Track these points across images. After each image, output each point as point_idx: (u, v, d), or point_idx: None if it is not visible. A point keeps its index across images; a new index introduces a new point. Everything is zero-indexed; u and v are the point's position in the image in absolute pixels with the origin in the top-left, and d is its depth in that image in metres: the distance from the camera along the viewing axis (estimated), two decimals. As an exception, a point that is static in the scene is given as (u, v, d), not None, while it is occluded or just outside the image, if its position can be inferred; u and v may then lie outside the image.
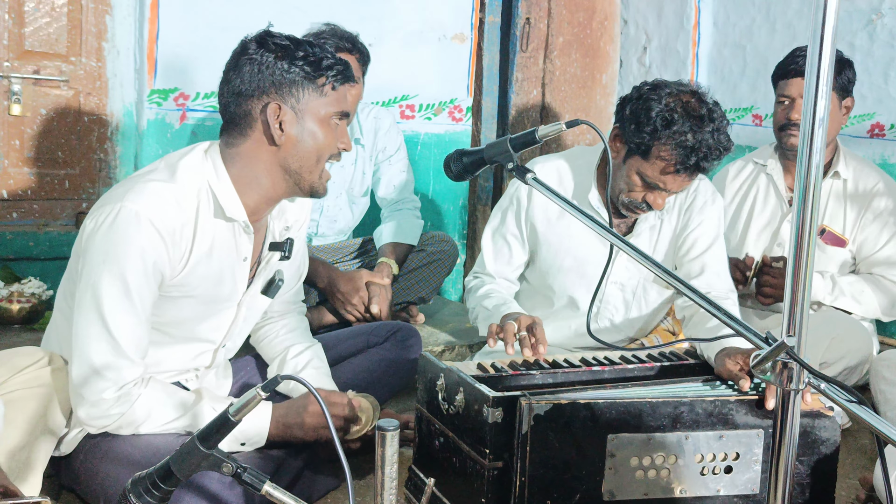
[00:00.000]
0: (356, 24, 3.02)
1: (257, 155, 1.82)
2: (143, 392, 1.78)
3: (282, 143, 1.80)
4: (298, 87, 1.79)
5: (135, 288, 1.73)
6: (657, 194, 2.25)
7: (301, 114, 1.80)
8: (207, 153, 1.85)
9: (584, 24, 4.18)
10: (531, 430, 1.66)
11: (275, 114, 1.78)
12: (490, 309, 2.35)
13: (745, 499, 1.82)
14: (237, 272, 1.92)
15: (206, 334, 1.96)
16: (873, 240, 2.82)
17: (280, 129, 1.79)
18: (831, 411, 1.87)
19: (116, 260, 1.71)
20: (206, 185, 1.82)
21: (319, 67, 1.80)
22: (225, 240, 1.86)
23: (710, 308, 1.35)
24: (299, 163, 1.83)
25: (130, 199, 1.72)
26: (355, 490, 2.10)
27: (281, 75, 1.78)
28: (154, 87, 3.32)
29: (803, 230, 1.18)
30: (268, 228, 2.00)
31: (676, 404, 1.76)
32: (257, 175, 1.84)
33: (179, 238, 1.77)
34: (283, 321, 2.23)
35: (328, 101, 1.82)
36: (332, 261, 3.09)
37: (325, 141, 1.83)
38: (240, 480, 1.33)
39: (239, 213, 1.84)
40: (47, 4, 3.23)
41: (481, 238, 2.58)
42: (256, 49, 1.79)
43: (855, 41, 3.35)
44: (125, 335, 1.74)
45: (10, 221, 3.27)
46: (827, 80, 1.14)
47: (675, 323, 2.60)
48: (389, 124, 3.22)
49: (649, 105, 2.15)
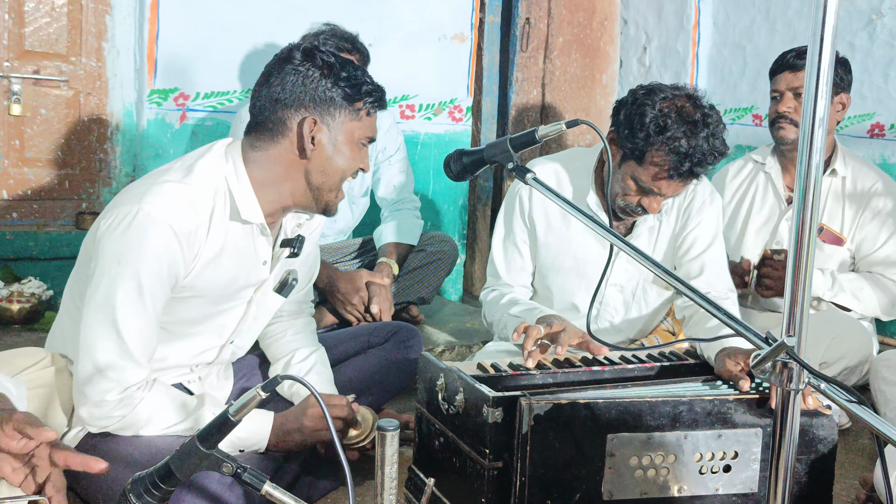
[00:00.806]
0: (356, 24, 3.02)
1: (283, 162, 1.84)
2: (147, 396, 1.78)
3: (311, 156, 1.83)
4: (337, 107, 1.83)
5: (148, 290, 1.73)
6: (652, 198, 2.24)
7: (335, 132, 1.84)
8: (228, 153, 1.86)
9: (584, 24, 4.18)
10: (531, 430, 1.66)
11: (310, 128, 1.81)
12: (520, 315, 2.31)
13: (744, 497, 1.82)
14: (255, 274, 1.93)
15: (213, 331, 1.96)
16: (872, 239, 2.83)
17: (312, 143, 1.82)
18: (828, 409, 1.88)
19: (132, 262, 1.71)
20: (224, 186, 1.83)
21: (360, 92, 1.84)
22: (240, 242, 1.87)
23: (710, 308, 1.35)
24: (322, 178, 1.85)
25: (148, 202, 1.72)
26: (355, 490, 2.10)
27: (323, 92, 1.81)
28: (154, 87, 3.33)
29: (803, 230, 1.18)
30: (280, 227, 2.01)
31: (675, 403, 1.77)
32: (277, 181, 1.85)
33: (194, 239, 1.77)
34: (291, 321, 2.24)
35: (362, 125, 1.86)
36: (332, 261, 3.09)
37: (351, 162, 1.87)
38: (240, 480, 1.33)
39: (256, 215, 1.85)
40: (47, 4, 3.23)
41: (491, 249, 2.56)
42: (302, 61, 1.82)
43: (855, 41, 3.35)
44: (134, 337, 1.74)
45: (10, 221, 3.27)
46: (827, 80, 1.14)
47: (675, 323, 2.60)
48: (389, 124, 3.22)
49: (643, 110, 2.14)
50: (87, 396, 1.74)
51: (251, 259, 1.90)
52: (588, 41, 4.21)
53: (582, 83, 4.21)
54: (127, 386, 1.74)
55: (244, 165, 1.84)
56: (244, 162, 1.85)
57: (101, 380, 1.73)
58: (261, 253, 1.91)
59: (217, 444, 1.33)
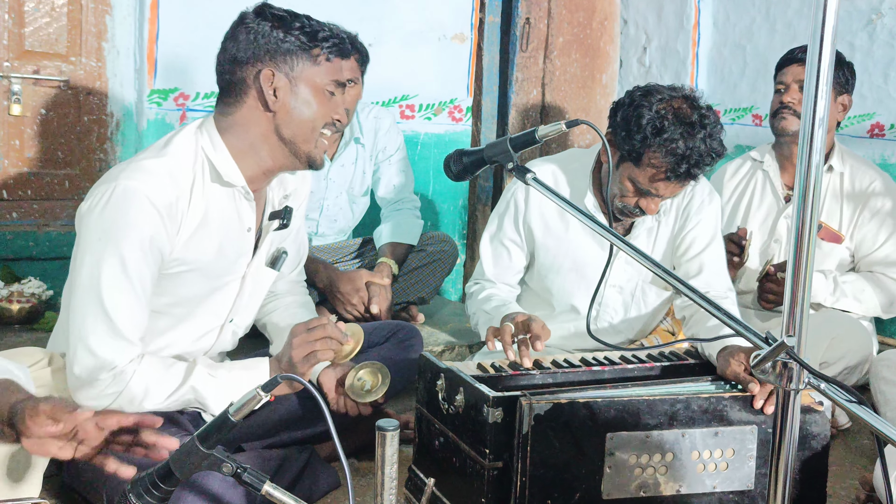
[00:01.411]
0: (356, 24, 3.02)
1: (252, 122, 1.85)
2: (138, 368, 1.77)
3: (276, 109, 1.83)
4: (293, 55, 1.82)
5: (132, 266, 1.73)
6: (650, 200, 2.24)
7: (295, 81, 1.83)
8: (201, 127, 1.88)
9: (584, 24, 4.18)
10: (531, 429, 1.67)
11: (268, 80, 1.81)
12: (490, 312, 2.35)
13: (741, 494, 1.83)
14: (242, 243, 1.93)
15: (211, 309, 1.96)
16: (871, 238, 2.83)
17: (274, 95, 1.82)
18: (821, 406, 1.88)
19: (113, 238, 1.71)
20: (202, 155, 1.84)
21: (315, 38, 1.83)
22: (224, 208, 1.87)
23: (710, 307, 1.35)
24: (292, 131, 1.85)
25: (124, 177, 1.74)
26: (355, 490, 2.10)
27: (276, 44, 1.81)
28: (154, 87, 3.32)
29: (803, 230, 1.18)
30: (267, 199, 2.01)
31: (672, 402, 1.77)
32: (254, 143, 1.86)
33: (175, 211, 1.78)
34: (291, 297, 2.24)
35: (322, 70, 1.85)
36: (331, 261, 3.09)
37: (318, 110, 1.85)
38: (240, 480, 1.33)
39: (237, 177, 1.85)
40: (47, 4, 3.23)
41: (480, 244, 2.57)
42: (254, 19, 1.83)
43: (855, 41, 3.35)
44: (122, 315, 1.73)
45: (10, 221, 3.27)
46: (827, 80, 1.14)
47: (675, 323, 2.60)
48: (389, 124, 3.22)
49: (640, 112, 2.14)
50: (79, 378, 1.74)
51: (236, 226, 1.90)
52: (588, 41, 4.21)
53: (582, 83, 4.21)
54: (118, 364, 1.74)
55: (219, 135, 1.86)
56: (219, 132, 1.86)
57: (92, 360, 1.73)
58: (245, 219, 1.91)
59: (217, 444, 1.33)
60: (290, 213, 2.00)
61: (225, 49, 1.85)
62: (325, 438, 2.11)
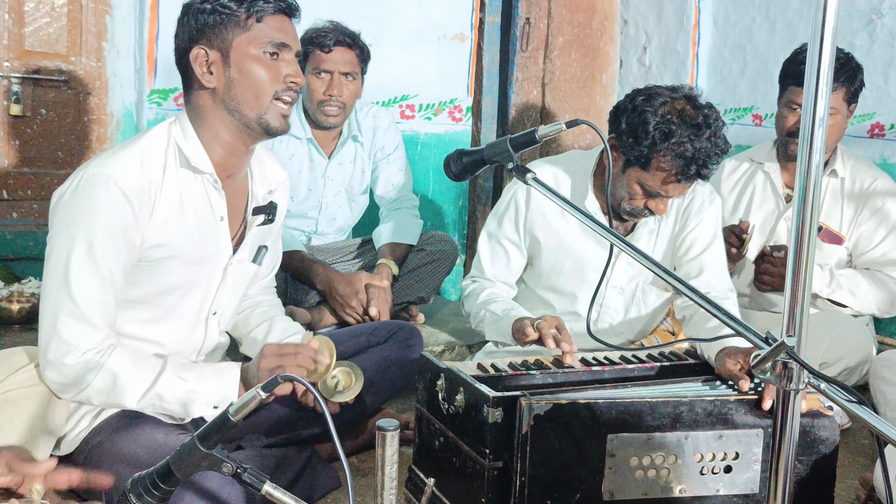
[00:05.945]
0: (356, 24, 3.02)
1: (204, 105, 1.86)
2: (108, 361, 1.77)
3: (214, 85, 1.83)
4: (222, 28, 1.82)
5: (100, 250, 1.73)
6: (659, 201, 2.27)
7: (227, 53, 1.83)
8: (176, 120, 1.90)
9: (584, 24, 4.18)
10: (531, 430, 1.66)
11: (201, 59, 1.82)
12: (499, 314, 2.35)
13: (745, 498, 1.82)
14: (217, 233, 1.93)
15: (194, 301, 1.95)
16: (868, 237, 2.83)
17: (210, 72, 1.82)
18: (830, 411, 1.88)
19: (81, 222, 1.72)
20: (173, 143, 1.86)
21: (240, 4, 1.82)
22: (197, 196, 1.88)
23: (710, 308, 1.35)
24: (237, 102, 1.84)
25: (94, 164, 1.76)
26: (355, 490, 2.10)
27: (205, 22, 1.82)
28: (154, 87, 3.33)
29: (803, 231, 1.18)
30: (250, 192, 2.01)
31: (676, 404, 1.77)
32: (214, 127, 1.87)
33: (146, 197, 1.78)
34: (261, 298, 2.24)
35: (253, 35, 1.82)
36: (331, 261, 3.09)
37: (258, 76, 1.83)
38: (240, 480, 1.33)
39: (204, 163, 1.86)
40: (47, 4, 3.23)
41: (478, 242, 2.57)
42: (188, 9, 1.85)
43: (855, 41, 3.35)
44: (87, 299, 1.73)
45: (10, 221, 3.27)
46: (827, 80, 1.14)
47: (675, 323, 2.60)
48: (388, 123, 3.22)
49: (645, 117, 2.15)
50: (48, 360, 1.75)
51: (209, 214, 1.91)
52: (588, 41, 4.21)
53: (582, 83, 4.21)
54: (85, 350, 1.74)
55: (191, 125, 1.87)
56: (190, 122, 1.88)
57: (59, 343, 1.73)
58: (216, 208, 1.91)
59: (217, 444, 1.33)
60: (275, 208, 2.02)
61: (174, 42, 1.88)
62: (326, 438, 2.11)
